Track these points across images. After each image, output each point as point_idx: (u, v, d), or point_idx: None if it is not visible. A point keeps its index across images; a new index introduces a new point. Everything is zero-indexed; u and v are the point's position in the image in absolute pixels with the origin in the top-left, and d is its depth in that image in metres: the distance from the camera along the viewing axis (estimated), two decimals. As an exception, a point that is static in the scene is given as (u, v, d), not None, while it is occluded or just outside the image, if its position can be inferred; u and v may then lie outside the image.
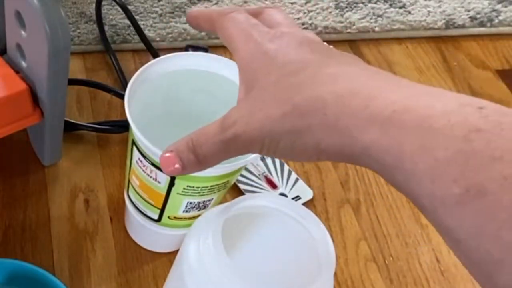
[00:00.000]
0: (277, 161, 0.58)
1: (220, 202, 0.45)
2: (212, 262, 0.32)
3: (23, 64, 0.46)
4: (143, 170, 0.41)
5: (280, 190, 0.56)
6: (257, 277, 0.34)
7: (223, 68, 0.42)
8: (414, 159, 0.21)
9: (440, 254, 0.54)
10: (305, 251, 0.35)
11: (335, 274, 0.46)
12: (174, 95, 0.45)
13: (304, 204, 0.56)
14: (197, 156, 0.29)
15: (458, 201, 0.19)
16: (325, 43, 0.29)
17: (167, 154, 0.29)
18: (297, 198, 0.56)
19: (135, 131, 0.38)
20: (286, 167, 0.58)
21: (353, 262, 0.53)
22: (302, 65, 0.26)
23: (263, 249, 0.36)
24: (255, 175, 0.57)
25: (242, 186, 0.56)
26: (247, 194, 0.55)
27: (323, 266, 0.33)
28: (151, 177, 0.41)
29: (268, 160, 0.58)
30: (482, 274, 0.20)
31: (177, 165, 0.29)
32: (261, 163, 0.57)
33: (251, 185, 0.56)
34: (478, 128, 0.20)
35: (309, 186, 0.57)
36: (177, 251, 0.38)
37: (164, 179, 0.40)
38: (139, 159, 0.40)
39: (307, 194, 0.57)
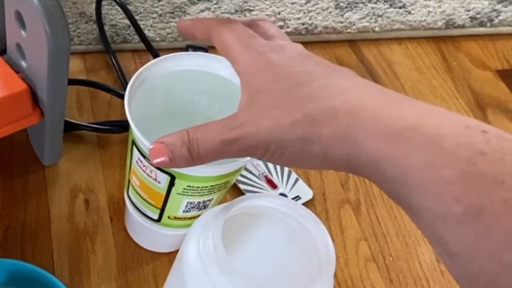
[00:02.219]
0: (277, 161, 0.58)
1: (220, 202, 0.45)
2: (212, 262, 0.32)
3: (23, 64, 0.46)
4: (143, 170, 0.41)
5: (280, 190, 0.56)
6: (257, 277, 0.34)
7: (223, 69, 0.42)
8: (420, 175, 0.22)
9: (440, 254, 0.54)
10: (305, 251, 0.35)
11: (335, 274, 0.46)
12: (174, 95, 0.45)
13: (304, 204, 0.56)
14: (191, 152, 0.29)
15: (459, 219, 0.21)
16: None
17: (158, 145, 0.30)
18: (297, 198, 0.56)
19: (135, 131, 0.38)
20: (286, 167, 0.58)
21: (353, 262, 0.53)
22: (310, 77, 0.27)
23: (263, 249, 0.36)
24: (255, 175, 0.57)
25: (242, 186, 0.56)
26: (247, 194, 0.55)
27: (323, 266, 0.33)
28: (151, 177, 0.41)
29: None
30: (473, 286, 0.21)
31: (165, 158, 0.29)
32: (261, 163, 0.57)
33: (251, 185, 0.56)
34: (482, 152, 0.21)
35: (309, 186, 0.57)
36: (177, 251, 0.38)
37: (164, 179, 0.40)
38: (139, 159, 0.40)
39: (307, 194, 0.57)
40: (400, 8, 0.77)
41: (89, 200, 0.54)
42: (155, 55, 0.65)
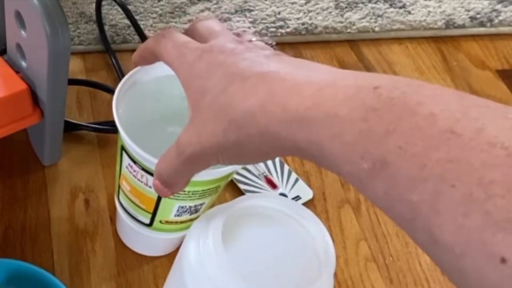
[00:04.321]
0: (277, 161, 0.58)
1: (220, 202, 0.45)
2: (212, 262, 0.32)
3: (23, 64, 0.46)
4: (133, 176, 0.41)
5: (280, 190, 0.56)
6: (257, 277, 0.34)
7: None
8: (329, 147, 0.24)
9: (440, 254, 0.54)
10: (305, 251, 0.35)
11: (335, 274, 0.46)
12: (165, 100, 0.44)
13: (304, 204, 0.56)
14: (168, 181, 0.32)
15: (369, 174, 0.22)
16: (253, 42, 0.31)
17: (154, 182, 0.33)
18: (297, 198, 0.56)
19: (125, 137, 0.37)
20: (286, 167, 0.58)
21: (353, 262, 0.53)
22: (228, 81, 0.28)
23: (263, 249, 0.36)
24: (255, 175, 0.57)
25: (242, 186, 0.56)
26: (247, 194, 0.55)
27: (323, 266, 0.33)
28: (142, 182, 0.40)
29: (268, 160, 0.58)
30: (408, 233, 0.22)
31: (165, 191, 0.33)
32: (261, 163, 0.57)
33: (251, 185, 0.56)
34: (373, 108, 0.22)
35: (309, 186, 0.57)
36: (177, 251, 0.38)
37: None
38: (129, 164, 0.40)
39: (307, 194, 0.57)
40: (400, 8, 0.77)
41: (89, 200, 0.54)
42: (155, 55, 0.64)
